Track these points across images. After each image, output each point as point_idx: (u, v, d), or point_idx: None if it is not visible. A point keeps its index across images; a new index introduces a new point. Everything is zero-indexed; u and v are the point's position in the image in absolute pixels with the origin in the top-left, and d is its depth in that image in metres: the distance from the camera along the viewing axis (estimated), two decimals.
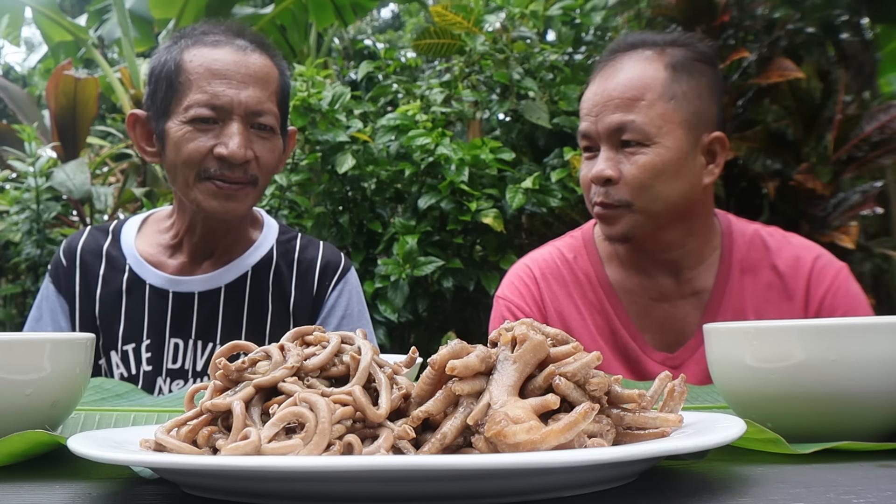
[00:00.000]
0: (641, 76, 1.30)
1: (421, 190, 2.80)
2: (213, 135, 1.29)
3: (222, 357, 0.58)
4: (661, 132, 1.28)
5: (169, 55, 1.34)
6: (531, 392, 0.53)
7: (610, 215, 1.31)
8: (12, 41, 7.02)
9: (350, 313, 1.43)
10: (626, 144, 1.28)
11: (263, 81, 1.33)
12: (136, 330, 1.38)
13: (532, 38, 3.10)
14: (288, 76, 1.42)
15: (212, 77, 1.29)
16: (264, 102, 1.32)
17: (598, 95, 1.32)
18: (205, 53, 1.31)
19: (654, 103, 1.28)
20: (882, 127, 2.93)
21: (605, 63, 1.35)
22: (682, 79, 1.31)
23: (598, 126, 1.30)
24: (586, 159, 1.35)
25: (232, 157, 1.28)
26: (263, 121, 1.32)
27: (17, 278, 3.76)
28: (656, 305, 1.36)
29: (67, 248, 1.43)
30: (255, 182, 1.33)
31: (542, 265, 1.42)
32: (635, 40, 1.36)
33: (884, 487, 0.51)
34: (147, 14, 4.31)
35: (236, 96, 1.29)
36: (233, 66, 1.31)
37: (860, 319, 0.70)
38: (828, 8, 3.28)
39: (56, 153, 3.79)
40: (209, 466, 0.45)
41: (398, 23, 6.74)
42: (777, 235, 1.40)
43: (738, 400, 0.71)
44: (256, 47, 1.35)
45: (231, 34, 1.36)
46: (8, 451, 0.61)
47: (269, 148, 1.34)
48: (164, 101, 1.32)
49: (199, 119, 1.29)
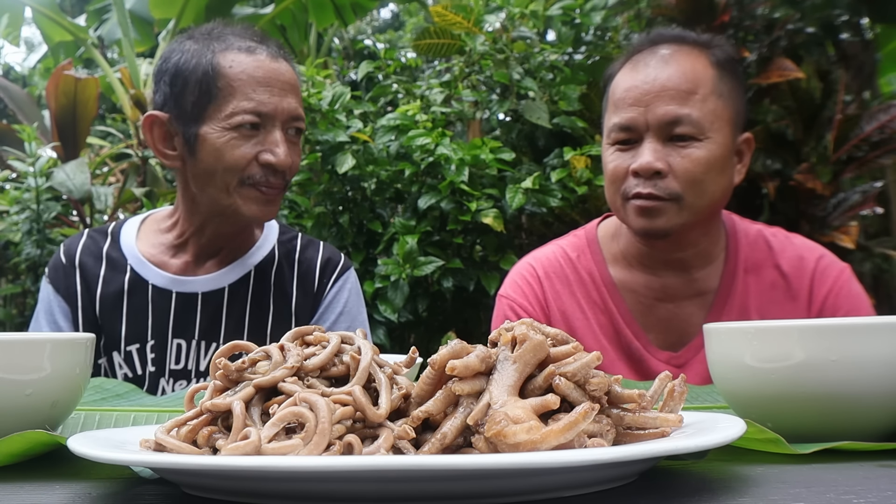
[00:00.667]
0: (693, 69, 1.27)
1: (421, 190, 2.80)
2: (257, 141, 1.31)
3: (222, 357, 0.58)
4: (714, 127, 1.27)
5: (199, 58, 1.33)
6: (531, 392, 0.53)
7: (656, 208, 1.27)
8: (12, 41, 7.02)
9: (348, 310, 1.43)
10: (676, 138, 1.26)
11: (296, 89, 1.37)
12: (140, 330, 1.38)
13: (532, 38, 3.10)
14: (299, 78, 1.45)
15: (256, 85, 1.31)
16: (298, 108, 1.36)
17: (649, 84, 1.26)
18: (244, 60, 1.32)
19: (707, 98, 1.26)
20: (882, 127, 2.93)
21: (646, 53, 1.31)
22: (727, 77, 1.30)
23: (648, 116, 1.26)
24: (619, 151, 1.30)
25: (280, 165, 1.31)
26: (298, 125, 1.36)
27: (17, 278, 3.76)
28: (660, 305, 1.36)
29: (67, 251, 1.43)
30: (287, 186, 1.38)
31: (546, 264, 1.42)
32: (675, 34, 1.34)
33: (884, 487, 0.51)
34: (147, 14, 4.31)
35: (279, 104, 1.32)
36: (273, 73, 1.33)
37: (860, 319, 0.70)
38: (828, 8, 3.28)
39: (56, 153, 3.79)
40: (209, 466, 0.45)
41: (398, 23, 6.74)
42: (780, 236, 1.40)
43: (738, 400, 0.71)
44: (281, 54, 1.38)
45: (257, 39, 1.37)
46: (8, 451, 0.61)
47: (298, 152, 1.38)
48: (198, 105, 1.31)
49: (245, 126, 1.30)
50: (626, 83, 1.29)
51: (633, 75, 1.29)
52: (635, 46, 1.36)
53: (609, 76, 1.37)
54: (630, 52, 1.36)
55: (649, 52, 1.31)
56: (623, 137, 1.29)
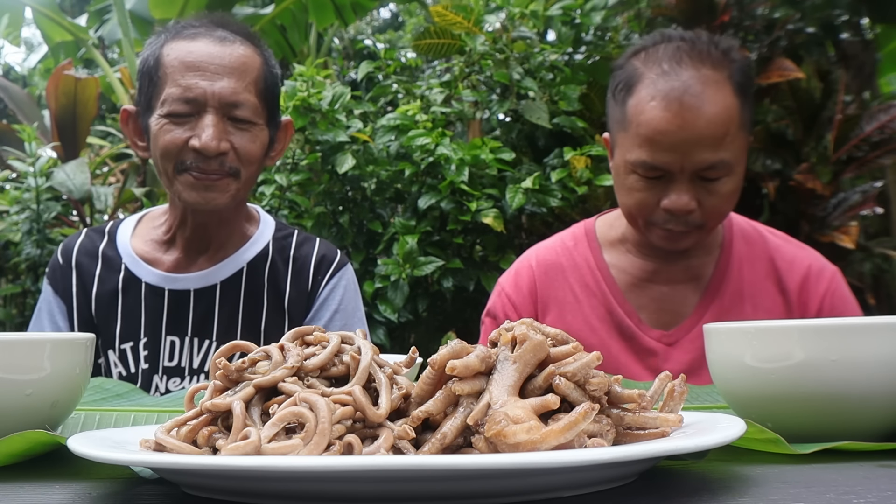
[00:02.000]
0: (724, 109, 1.25)
1: (421, 190, 2.80)
2: (189, 127, 1.29)
3: (222, 357, 0.58)
4: (739, 159, 1.29)
5: (150, 50, 1.35)
6: (531, 392, 0.53)
7: (682, 234, 1.31)
8: (12, 41, 7.02)
9: (343, 308, 1.42)
10: (707, 176, 1.27)
11: (240, 72, 1.31)
12: (133, 328, 1.38)
13: (532, 38, 3.10)
14: (274, 66, 1.40)
15: (185, 70, 1.29)
16: (240, 93, 1.30)
17: (685, 132, 1.24)
18: (181, 46, 1.31)
19: (736, 136, 1.27)
20: (882, 127, 2.93)
21: (672, 81, 1.25)
22: (747, 101, 1.30)
23: (684, 162, 1.25)
24: (644, 180, 1.29)
25: (204, 149, 1.28)
26: (240, 113, 1.30)
27: (17, 278, 3.76)
28: (654, 286, 1.40)
29: (64, 250, 1.44)
30: (237, 174, 1.33)
31: (542, 255, 1.47)
32: (694, 52, 1.28)
33: (884, 487, 0.51)
34: (147, 14, 4.30)
35: (209, 87, 1.28)
36: (207, 57, 1.29)
37: (860, 319, 0.70)
38: (828, 8, 3.28)
39: (56, 153, 3.79)
40: (209, 466, 0.45)
41: (398, 23, 6.73)
42: (779, 234, 1.45)
43: (738, 400, 0.71)
44: (238, 37, 1.33)
45: (212, 26, 1.35)
46: (8, 451, 0.61)
47: (249, 139, 1.32)
48: (147, 95, 1.33)
49: (174, 113, 1.29)
50: (658, 124, 1.25)
51: (664, 116, 1.25)
52: (652, 60, 1.30)
53: (624, 86, 1.31)
54: (649, 61, 1.30)
55: (676, 82, 1.25)
56: (653, 175, 1.28)
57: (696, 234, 1.32)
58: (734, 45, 1.34)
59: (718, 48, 1.30)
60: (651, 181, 1.29)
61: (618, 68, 1.36)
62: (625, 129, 1.31)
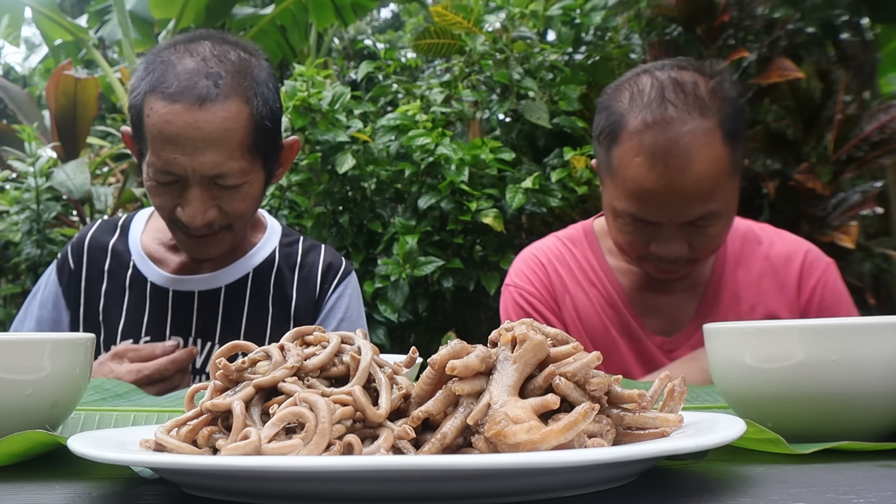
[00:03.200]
0: (712, 164, 1.20)
1: (421, 190, 2.80)
2: (176, 194, 1.26)
3: (222, 357, 0.58)
4: (731, 203, 1.26)
5: (137, 90, 1.26)
6: (531, 392, 0.53)
7: (673, 270, 1.31)
8: (12, 41, 7.01)
9: (349, 316, 1.43)
10: (697, 224, 1.24)
11: (223, 140, 1.22)
12: (135, 326, 1.38)
13: (532, 38, 3.10)
14: (268, 99, 1.28)
15: (164, 142, 1.21)
16: (223, 164, 1.22)
17: (671, 193, 1.20)
18: (160, 110, 1.21)
19: (725, 184, 1.23)
20: (882, 127, 2.93)
21: (657, 137, 1.20)
22: (737, 143, 1.24)
23: (674, 217, 1.23)
24: (636, 225, 1.26)
25: (189, 224, 1.26)
26: (225, 182, 1.24)
27: (17, 278, 3.76)
28: (654, 296, 1.40)
29: (77, 243, 1.44)
30: (229, 227, 1.30)
31: (547, 251, 1.45)
32: (680, 98, 1.21)
33: (884, 487, 0.51)
34: (147, 15, 4.31)
35: (190, 164, 1.21)
36: (185, 129, 1.20)
37: (860, 319, 0.70)
38: (828, 8, 3.28)
39: (56, 153, 3.79)
40: (209, 466, 0.45)
41: (398, 23, 6.73)
42: (769, 230, 1.45)
43: (737, 400, 0.71)
44: (223, 86, 1.22)
45: (196, 74, 1.22)
46: (8, 451, 0.61)
47: (239, 198, 1.27)
48: (137, 135, 1.28)
49: (159, 181, 1.25)
50: (644, 182, 1.21)
51: (649, 175, 1.20)
52: (640, 107, 1.23)
53: (609, 133, 1.26)
54: (634, 107, 1.23)
55: (661, 138, 1.20)
56: (641, 223, 1.26)
57: (689, 266, 1.31)
58: (725, 77, 1.27)
59: (708, 85, 1.23)
60: (640, 226, 1.26)
61: (601, 108, 1.30)
62: (611, 176, 1.27)
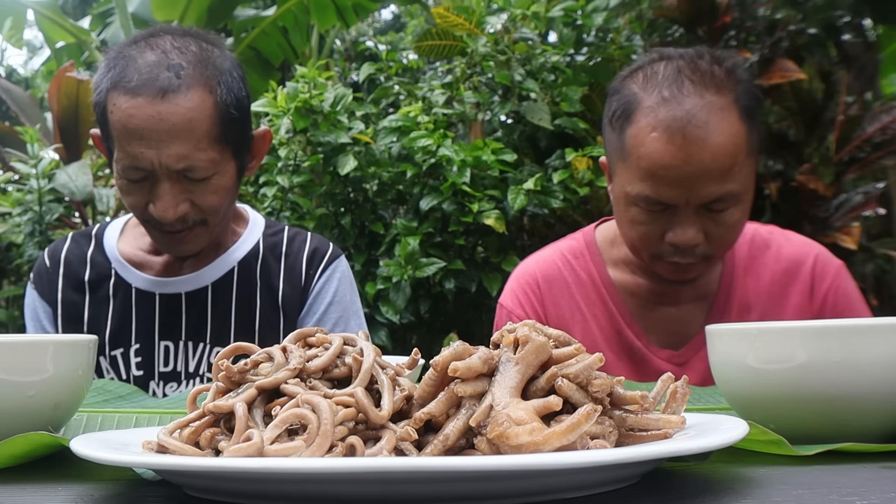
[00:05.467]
0: (731, 138, 1.17)
1: (423, 191, 2.81)
2: (146, 190, 1.25)
3: (224, 359, 0.58)
4: (748, 188, 1.23)
5: (100, 84, 1.24)
6: (533, 394, 0.53)
7: (687, 269, 1.26)
8: (15, 44, 7.02)
9: (338, 300, 1.39)
10: (713, 208, 1.21)
11: (188, 130, 1.20)
12: (123, 334, 1.36)
13: (534, 39, 3.10)
14: (232, 88, 1.27)
15: (130, 137, 1.20)
16: (190, 155, 1.21)
17: (690, 166, 1.16)
18: (123, 105, 1.20)
19: (743, 164, 1.20)
20: (884, 128, 2.93)
21: (674, 111, 1.18)
22: (754, 125, 1.22)
23: (689, 197, 1.18)
24: (650, 213, 1.22)
25: (162, 220, 1.25)
26: (194, 175, 1.23)
27: (20, 280, 3.77)
28: (661, 309, 1.36)
29: (52, 255, 1.42)
30: (204, 222, 1.29)
31: (544, 268, 1.40)
32: (696, 75, 1.20)
33: (887, 489, 0.50)
34: (150, 17, 4.31)
35: (157, 157, 1.20)
36: (148, 122, 1.19)
37: (863, 320, 0.70)
38: (830, 9, 3.28)
39: (58, 155, 3.79)
40: (212, 468, 0.45)
41: (399, 24, 6.74)
42: (777, 234, 1.40)
43: (740, 401, 0.71)
44: (185, 77, 1.21)
45: (157, 66, 1.21)
46: (10, 453, 0.61)
47: (210, 190, 1.26)
48: (104, 134, 1.28)
49: (128, 178, 1.24)
50: (660, 157, 1.17)
51: (666, 149, 1.17)
52: (655, 85, 1.21)
53: (622, 113, 1.23)
54: (648, 85, 1.21)
55: (678, 111, 1.17)
56: (656, 208, 1.22)
57: (704, 265, 1.26)
58: (739, 62, 1.26)
59: (722, 67, 1.22)
60: (654, 214, 1.22)
61: (613, 92, 1.27)
62: (624, 159, 1.24)
